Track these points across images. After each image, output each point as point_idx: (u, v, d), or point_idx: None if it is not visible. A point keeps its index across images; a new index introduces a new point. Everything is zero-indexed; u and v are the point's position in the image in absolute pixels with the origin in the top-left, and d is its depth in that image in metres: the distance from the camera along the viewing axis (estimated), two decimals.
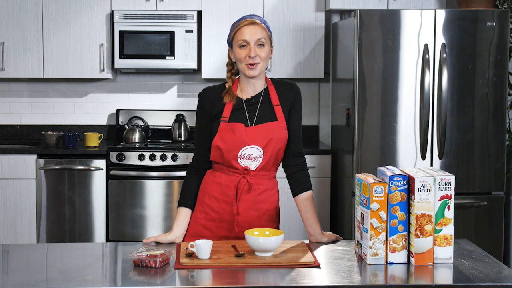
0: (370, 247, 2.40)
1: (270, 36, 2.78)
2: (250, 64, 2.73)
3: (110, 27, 5.18)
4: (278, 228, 2.89)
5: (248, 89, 2.82)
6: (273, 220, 2.85)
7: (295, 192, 2.83)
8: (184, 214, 2.81)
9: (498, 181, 4.52)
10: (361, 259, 2.47)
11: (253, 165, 2.76)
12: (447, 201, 2.39)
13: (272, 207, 2.84)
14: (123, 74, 5.56)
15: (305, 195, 2.80)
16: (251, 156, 2.75)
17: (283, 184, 5.11)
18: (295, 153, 2.84)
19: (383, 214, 2.39)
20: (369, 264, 2.40)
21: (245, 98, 2.81)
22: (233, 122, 2.76)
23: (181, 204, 2.84)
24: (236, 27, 2.76)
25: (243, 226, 2.77)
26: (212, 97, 2.81)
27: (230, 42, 2.80)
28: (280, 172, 2.90)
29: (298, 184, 2.83)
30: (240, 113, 2.79)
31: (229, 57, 2.84)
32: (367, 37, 4.41)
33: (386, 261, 2.41)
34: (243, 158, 2.75)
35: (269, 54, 2.78)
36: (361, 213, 2.45)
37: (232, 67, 2.84)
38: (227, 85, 2.83)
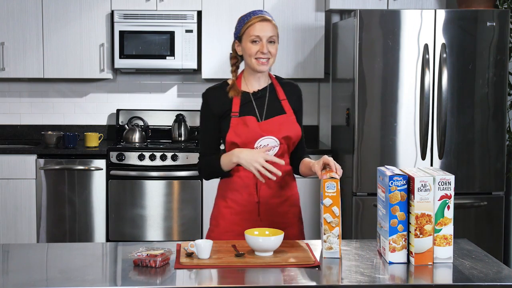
0: (325, 241, 2.46)
1: (278, 34, 2.83)
2: (262, 60, 2.76)
3: (110, 27, 5.18)
4: (300, 212, 2.92)
5: (254, 83, 2.85)
6: (295, 204, 2.87)
7: (296, 167, 2.89)
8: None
9: (498, 181, 4.52)
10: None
11: (269, 154, 2.77)
12: (447, 201, 2.39)
13: (293, 192, 2.87)
14: (123, 74, 5.56)
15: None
16: (267, 146, 2.77)
17: None
18: (301, 158, 2.88)
19: (336, 209, 2.44)
20: (324, 258, 2.45)
21: (251, 92, 2.83)
22: (244, 116, 2.79)
23: (218, 160, 2.78)
24: (248, 22, 2.77)
25: (267, 214, 2.80)
26: (217, 96, 2.82)
27: (239, 36, 2.81)
28: None
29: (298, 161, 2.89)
30: (249, 107, 2.81)
31: (234, 50, 2.86)
32: (367, 37, 4.41)
33: (341, 255, 2.46)
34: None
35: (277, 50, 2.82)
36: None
37: (237, 60, 2.86)
38: (229, 81, 2.85)
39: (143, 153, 4.97)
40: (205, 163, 2.85)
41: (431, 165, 4.47)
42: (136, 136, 5.27)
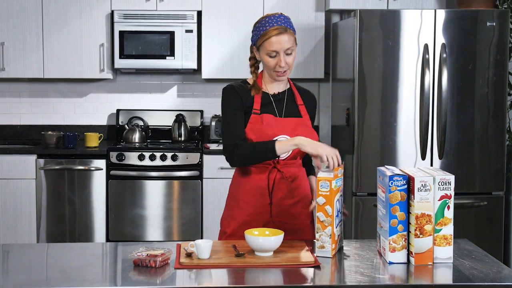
0: (317, 240, 2.46)
1: (295, 38, 2.80)
2: (279, 72, 2.79)
3: (110, 27, 5.18)
4: (313, 213, 2.91)
5: (273, 86, 2.89)
6: (308, 206, 2.87)
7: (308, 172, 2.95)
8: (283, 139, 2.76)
9: (498, 181, 4.52)
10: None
11: (283, 155, 2.77)
12: (447, 201, 2.39)
13: (306, 193, 2.87)
14: (123, 74, 5.56)
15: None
16: None
17: None
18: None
19: (329, 209, 2.43)
20: (317, 256, 2.45)
21: (272, 93, 2.86)
22: (264, 113, 2.80)
23: (272, 142, 2.71)
24: (265, 35, 2.75)
25: (279, 215, 2.80)
26: (239, 91, 2.83)
27: (256, 44, 2.80)
28: None
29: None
30: (269, 107, 2.84)
31: (252, 52, 2.86)
32: (367, 37, 4.41)
33: (334, 255, 2.46)
34: None
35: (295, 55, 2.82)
36: None
37: (255, 61, 2.87)
38: (249, 80, 2.87)
39: (143, 153, 4.96)
40: (245, 147, 2.73)
41: (431, 165, 4.47)
42: (136, 136, 5.27)
